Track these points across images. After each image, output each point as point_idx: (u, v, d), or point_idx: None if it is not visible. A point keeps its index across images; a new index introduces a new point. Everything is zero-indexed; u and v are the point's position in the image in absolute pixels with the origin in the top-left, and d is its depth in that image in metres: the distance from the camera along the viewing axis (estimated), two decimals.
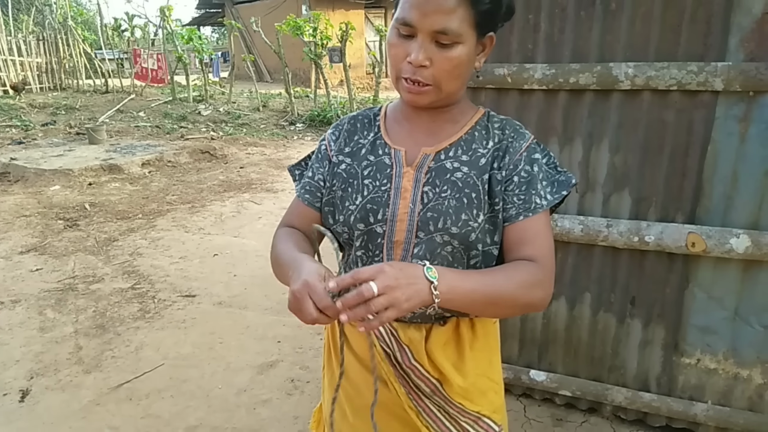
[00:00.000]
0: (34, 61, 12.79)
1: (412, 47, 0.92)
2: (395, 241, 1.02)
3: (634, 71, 1.79)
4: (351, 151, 1.08)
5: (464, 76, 0.97)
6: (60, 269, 4.05)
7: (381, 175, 1.03)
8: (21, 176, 6.65)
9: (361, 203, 1.03)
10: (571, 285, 2.10)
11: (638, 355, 2.08)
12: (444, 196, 1.00)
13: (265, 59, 19.17)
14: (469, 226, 0.99)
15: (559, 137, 1.98)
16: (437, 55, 0.91)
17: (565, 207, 2.04)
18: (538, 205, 0.99)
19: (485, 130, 1.04)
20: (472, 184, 1.00)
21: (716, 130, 1.78)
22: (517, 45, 1.95)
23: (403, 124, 1.06)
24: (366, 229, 1.03)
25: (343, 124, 1.13)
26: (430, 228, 1.00)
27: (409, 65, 0.93)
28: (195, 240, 4.72)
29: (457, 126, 1.04)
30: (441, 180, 1.00)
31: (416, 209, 1.00)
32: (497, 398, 1.15)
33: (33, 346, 2.98)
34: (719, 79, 1.71)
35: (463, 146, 1.02)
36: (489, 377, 1.13)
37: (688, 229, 1.85)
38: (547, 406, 2.32)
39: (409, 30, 0.91)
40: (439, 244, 1.00)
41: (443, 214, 0.99)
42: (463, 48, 0.91)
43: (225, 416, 2.41)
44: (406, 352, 1.07)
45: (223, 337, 3.10)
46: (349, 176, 1.06)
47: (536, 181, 1.00)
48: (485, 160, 1.01)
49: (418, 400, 1.10)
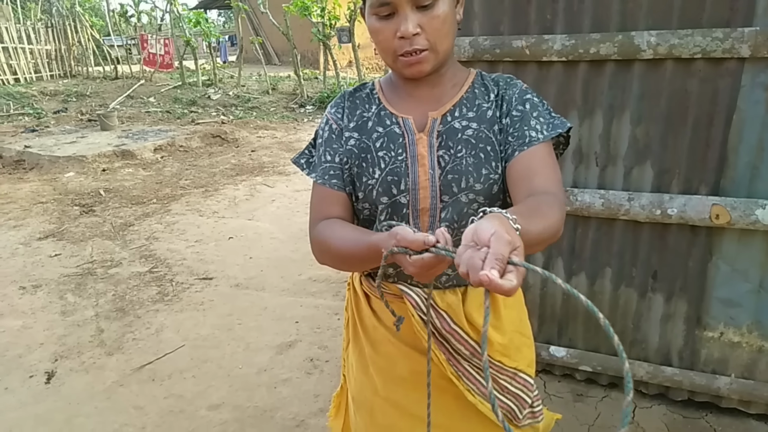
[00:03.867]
0: (43, 49, 12.81)
1: (397, 23, 0.92)
2: (421, 209, 1.02)
3: (657, 40, 1.74)
4: (357, 126, 1.06)
5: (453, 30, 0.97)
6: (78, 254, 4.10)
7: (395, 145, 1.02)
8: (36, 163, 6.71)
9: (380, 176, 1.02)
10: (592, 260, 2.08)
11: (660, 330, 2.06)
12: (460, 156, 0.99)
13: (272, 41, 19.05)
14: (491, 179, 0.99)
15: (579, 110, 1.94)
16: (424, 18, 0.91)
17: (585, 180, 2.02)
18: (534, 139, 0.98)
19: (483, 87, 1.05)
20: (485, 138, 1.00)
21: (742, 99, 1.74)
22: (535, 15, 1.91)
23: (403, 95, 1.06)
24: (390, 202, 1.02)
25: (343, 101, 1.10)
26: (453, 190, 0.99)
27: (401, 40, 0.93)
28: (210, 223, 4.74)
29: (455, 88, 1.04)
30: (453, 141, 1.00)
31: (436, 174, 1.00)
32: (530, 353, 1.17)
33: (56, 329, 3.03)
34: (746, 46, 1.66)
35: (467, 104, 1.03)
36: (522, 333, 1.16)
37: (712, 200, 1.82)
38: (567, 381, 2.32)
39: (388, 9, 0.92)
40: (466, 204, 1.00)
41: (464, 174, 0.99)
42: (443, 2, 0.92)
43: (246, 395, 2.44)
44: (444, 317, 1.07)
45: (242, 318, 3.12)
46: (362, 151, 1.04)
47: (528, 118, 1.00)
48: (491, 112, 1.02)
49: (458, 365, 1.10)
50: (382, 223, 1.04)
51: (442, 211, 1.01)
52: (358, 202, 1.07)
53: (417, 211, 1.02)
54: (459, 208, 1.00)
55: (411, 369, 1.12)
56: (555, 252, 2.14)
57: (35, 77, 12.49)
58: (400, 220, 1.03)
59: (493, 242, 0.60)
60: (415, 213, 1.02)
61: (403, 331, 1.12)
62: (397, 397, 1.14)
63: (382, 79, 1.11)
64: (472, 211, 1.00)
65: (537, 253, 2.16)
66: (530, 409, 1.18)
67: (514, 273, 0.59)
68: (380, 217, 1.05)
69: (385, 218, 1.04)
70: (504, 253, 0.59)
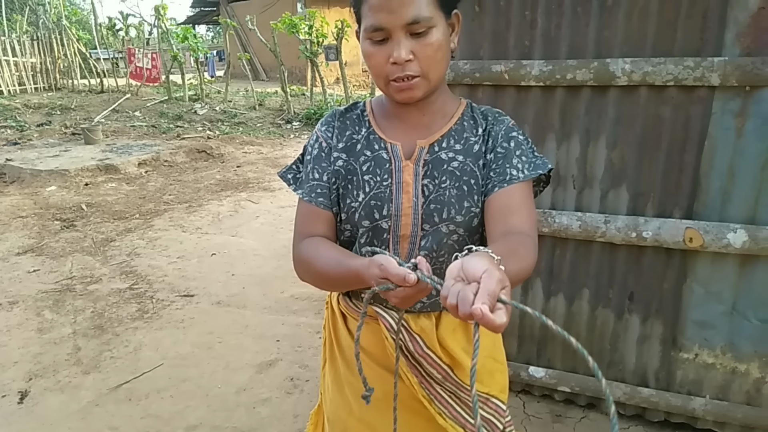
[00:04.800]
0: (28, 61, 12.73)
1: (390, 48, 0.93)
2: (401, 235, 1.03)
3: (631, 67, 1.79)
4: (345, 147, 1.07)
5: (446, 59, 0.98)
6: (57, 270, 4.04)
7: (381, 170, 1.03)
8: (17, 177, 6.63)
9: (364, 200, 1.03)
10: (570, 281, 2.11)
11: (636, 351, 2.09)
12: (444, 187, 1.01)
13: (260, 57, 19.13)
14: (472, 212, 1.01)
15: (556, 134, 1.98)
16: (417, 45, 0.92)
17: (562, 203, 2.05)
18: (514, 177, 1.00)
19: (472, 119, 1.07)
20: (470, 171, 1.02)
21: (713, 126, 1.79)
22: (514, 41, 1.95)
23: (393, 120, 1.07)
24: (371, 226, 1.04)
25: (333, 120, 1.11)
26: (435, 219, 1.01)
27: (394, 66, 0.94)
28: (193, 240, 4.71)
29: (445, 118, 1.06)
30: (439, 171, 1.02)
31: (419, 203, 1.02)
32: (503, 378, 1.18)
33: (31, 347, 2.97)
34: (716, 75, 1.71)
35: (455, 136, 1.04)
36: (494, 358, 1.16)
37: (685, 224, 1.86)
38: (546, 402, 2.33)
39: (382, 34, 0.93)
40: (445, 234, 1.02)
41: (446, 205, 1.01)
42: (437, 30, 0.93)
43: (225, 415, 2.41)
44: (417, 341, 1.08)
45: (222, 336, 3.09)
46: (348, 173, 1.05)
47: (511, 156, 1.02)
48: (478, 146, 1.04)
49: (430, 388, 1.11)
50: (363, 247, 1.05)
51: (423, 239, 1.03)
52: (341, 223, 1.08)
53: (398, 237, 1.03)
54: (439, 237, 1.02)
55: (385, 391, 1.12)
56: (534, 273, 2.16)
57: (19, 90, 12.39)
58: (380, 244, 1.04)
59: (485, 279, 0.62)
60: (395, 239, 1.04)
61: (377, 353, 1.13)
62: (371, 419, 1.15)
63: (374, 100, 1.12)
64: (452, 242, 1.02)
65: None
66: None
67: (503, 310, 0.61)
68: (360, 240, 1.06)
69: (365, 241, 1.05)
70: (495, 290, 0.62)
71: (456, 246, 1.03)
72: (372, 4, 0.92)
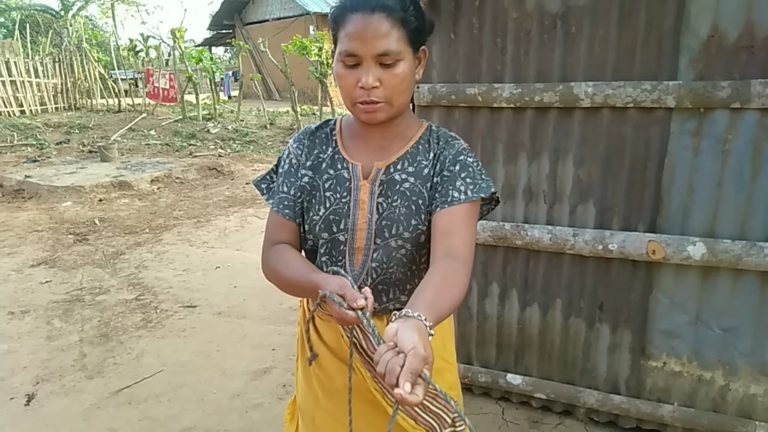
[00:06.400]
0: (50, 83, 13.19)
1: (360, 74, 1.04)
2: (356, 248, 1.16)
3: (593, 90, 1.92)
4: (312, 165, 1.20)
5: (410, 89, 1.11)
6: (68, 281, 4.22)
7: (341, 188, 1.16)
8: (35, 193, 6.89)
9: (324, 214, 1.16)
10: (543, 292, 2.21)
11: (608, 359, 2.18)
12: (395, 205, 1.13)
13: (274, 78, 19.55)
14: (419, 229, 1.13)
15: (527, 152, 2.11)
16: (384, 75, 1.04)
17: (535, 216, 2.16)
18: (455, 198, 1.10)
19: (427, 143, 1.18)
20: (418, 192, 1.14)
21: (672, 144, 1.90)
22: (487, 66, 2.09)
23: (358, 140, 1.19)
24: (330, 238, 1.16)
25: (305, 138, 1.23)
26: (385, 234, 1.13)
27: (361, 90, 1.05)
28: (199, 253, 4.88)
29: (404, 141, 1.17)
30: (392, 191, 1.14)
31: (373, 219, 1.14)
32: (452, 377, 1.30)
33: (40, 353, 3.13)
34: (671, 97, 1.83)
35: (409, 159, 1.16)
36: (443, 358, 1.27)
37: (648, 237, 1.96)
38: (524, 409, 2.41)
39: (354, 60, 1.04)
40: (394, 248, 1.14)
41: (396, 222, 1.13)
42: (404, 64, 1.05)
43: (218, 419, 2.53)
44: (370, 339, 1.20)
45: (221, 345, 3.22)
46: (312, 188, 1.18)
47: (456, 179, 1.12)
48: (428, 170, 1.15)
49: (382, 382, 1.22)
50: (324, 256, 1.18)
51: (375, 251, 1.15)
52: (305, 233, 1.21)
53: (353, 249, 1.16)
54: (388, 251, 1.14)
55: (346, 384, 1.24)
56: (510, 284, 2.27)
57: (40, 109, 12.84)
58: (337, 255, 1.17)
59: (410, 357, 0.74)
60: (351, 250, 1.16)
61: (337, 349, 1.25)
62: (334, 409, 1.26)
63: (344, 119, 1.25)
64: (400, 255, 1.14)
65: (493, 285, 2.30)
66: (452, 428, 1.29)
67: (421, 386, 0.74)
68: (320, 250, 1.19)
69: (325, 251, 1.18)
70: (418, 369, 0.74)
71: (404, 260, 1.15)
72: (348, 31, 1.03)
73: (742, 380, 1.99)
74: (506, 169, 2.16)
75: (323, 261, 1.19)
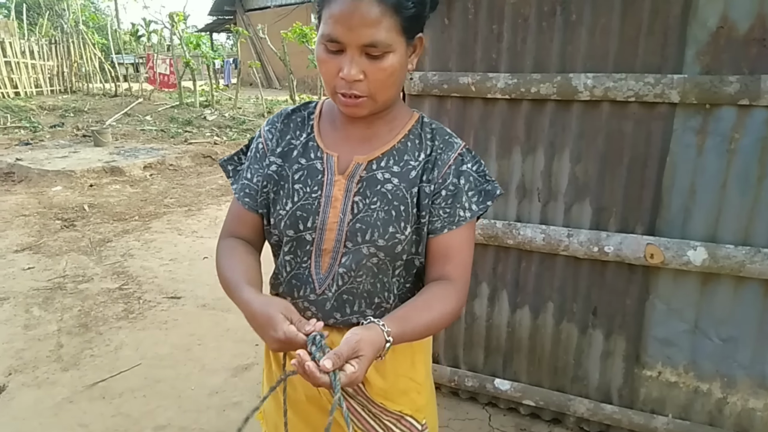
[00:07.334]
0: (45, 65, 13.02)
1: (342, 62, 0.90)
2: (323, 249, 1.03)
3: (593, 82, 1.80)
4: (282, 152, 1.06)
5: (399, 83, 0.97)
6: (51, 268, 4.11)
7: (312, 181, 1.03)
8: (25, 176, 6.77)
9: (291, 209, 1.03)
10: (535, 294, 2.10)
11: (600, 366, 2.07)
12: (374, 208, 1.00)
13: (274, 66, 19.35)
14: (396, 238, 1.00)
15: (522, 146, 1.99)
16: (370, 67, 0.90)
17: (528, 215, 2.05)
18: (462, 218, 1.01)
19: (418, 139, 1.04)
20: (401, 197, 1.00)
21: (674, 142, 1.79)
22: (481, 54, 1.97)
23: (338, 127, 1.05)
24: (295, 236, 1.04)
25: (278, 121, 1.10)
26: (357, 239, 1.00)
27: (342, 80, 0.91)
28: (187, 243, 4.77)
29: (391, 133, 1.03)
30: (372, 191, 1.00)
31: (346, 219, 1.00)
32: (420, 398, 1.16)
33: (15, 342, 3.03)
34: (675, 92, 1.71)
35: (396, 156, 1.02)
36: (410, 377, 1.15)
37: (646, 240, 1.85)
38: (512, 415, 2.31)
39: (337, 46, 0.89)
40: (366, 256, 1.01)
41: (371, 226, 0.99)
42: (394, 56, 0.90)
43: (194, 417, 2.43)
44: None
45: (203, 338, 3.12)
46: (280, 178, 1.05)
47: (462, 194, 1.01)
48: (415, 173, 1.01)
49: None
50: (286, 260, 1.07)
51: (344, 256, 1.02)
52: (270, 227, 1.10)
53: (320, 250, 1.03)
54: (359, 257, 1.01)
55: (307, 394, 1.14)
56: (500, 285, 2.16)
57: (36, 92, 12.68)
58: (303, 255, 1.05)
59: (342, 343, 0.79)
60: (318, 252, 1.03)
61: None
62: (296, 420, 1.16)
63: (328, 101, 1.08)
64: (371, 264, 1.01)
65: (483, 285, 2.19)
66: None
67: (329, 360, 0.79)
68: (284, 248, 1.07)
69: (289, 250, 1.06)
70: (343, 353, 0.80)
71: (375, 269, 1.02)
72: (333, 12, 0.88)
73: (740, 393, 1.89)
74: (499, 164, 2.05)
75: (287, 260, 1.08)
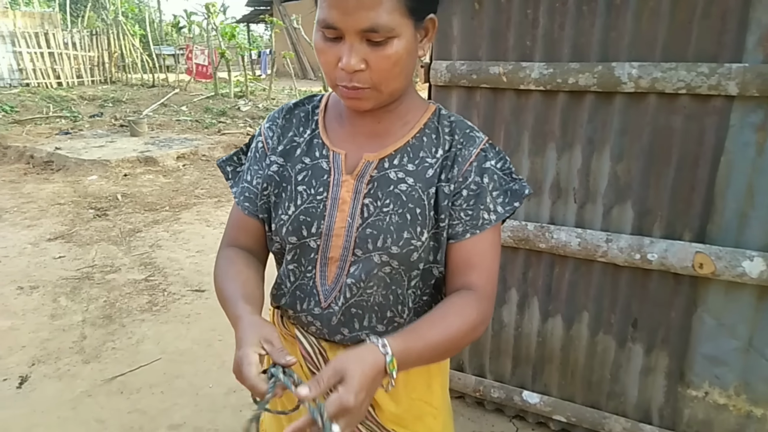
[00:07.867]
0: (86, 55, 13.34)
1: (342, 51, 0.80)
2: (330, 258, 0.92)
3: (639, 72, 1.62)
4: (284, 150, 0.96)
5: (407, 71, 0.85)
6: (81, 257, 4.15)
7: (317, 182, 0.92)
8: (63, 165, 6.91)
9: (293, 214, 0.92)
10: (568, 303, 1.95)
11: (639, 383, 1.90)
12: (386, 211, 0.89)
13: (309, 56, 19.35)
14: (412, 245, 0.88)
15: (557, 142, 1.83)
16: (371, 55, 0.79)
17: (563, 217, 1.89)
18: (486, 221, 0.89)
19: (435, 133, 0.92)
20: (417, 199, 0.89)
21: (730, 140, 1.60)
22: (514, 41, 1.82)
23: (344, 123, 0.94)
24: (298, 243, 0.93)
25: (279, 117, 0.99)
26: (368, 246, 0.89)
27: (342, 71, 0.81)
28: (215, 234, 4.75)
29: (405, 128, 0.92)
30: (384, 192, 0.89)
31: (354, 224, 0.89)
32: (436, 423, 1.05)
33: (41, 332, 3.04)
34: (733, 83, 1.52)
35: (410, 153, 0.90)
36: (426, 401, 1.04)
37: (695, 248, 1.67)
38: (541, 430, 2.16)
39: (334, 32, 0.79)
40: (377, 265, 0.89)
41: (384, 232, 0.88)
42: (399, 42, 0.79)
43: (210, 416, 2.37)
44: None
45: (224, 334, 3.07)
46: (282, 180, 0.95)
47: (486, 194, 0.89)
48: (432, 171, 0.90)
49: None
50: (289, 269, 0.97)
51: (352, 265, 0.91)
52: (271, 233, 0.99)
53: (326, 259, 0.92)
54: (369, 267, 0.90)
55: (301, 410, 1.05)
56: (531, 291, 2.01)
57: (77, 82, 13.00)
58: (307, 264, 0.95)
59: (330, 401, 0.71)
60: (323, 260, 0.93)
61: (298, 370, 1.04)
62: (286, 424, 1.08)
63: (334, 94, 0.98)
64: (383, 274, 0.90)
65: (512, 291, 2.04)
66: None
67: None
68: (287, 256, 0.96)
69: (292, 258, 0.95)
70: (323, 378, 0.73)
71: (387, 279, 0.91)
72: None
73: None
74: (532, 161, 1.89)
75: (290, 270, 0.97)
